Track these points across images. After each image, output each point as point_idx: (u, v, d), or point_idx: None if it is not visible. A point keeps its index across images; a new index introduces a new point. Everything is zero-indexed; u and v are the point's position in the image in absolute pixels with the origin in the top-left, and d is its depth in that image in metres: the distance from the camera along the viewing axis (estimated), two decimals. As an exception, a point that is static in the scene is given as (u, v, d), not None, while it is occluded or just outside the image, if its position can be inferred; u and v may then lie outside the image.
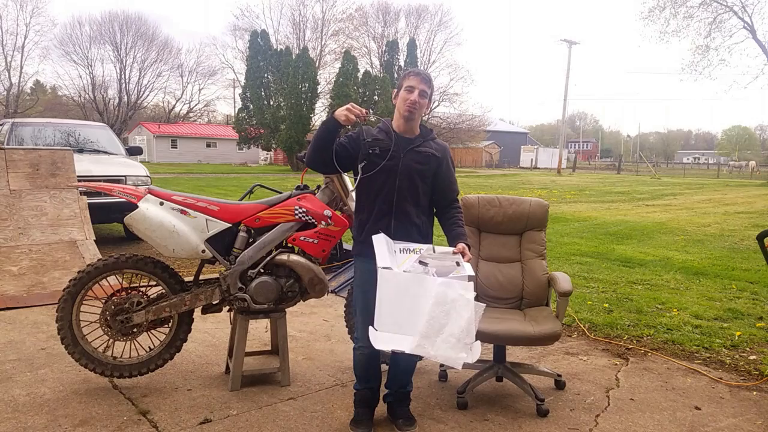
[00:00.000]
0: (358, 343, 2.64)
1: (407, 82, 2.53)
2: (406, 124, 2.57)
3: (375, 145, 2.54)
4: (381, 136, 2.58)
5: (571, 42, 38.68)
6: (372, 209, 2.57)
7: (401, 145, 2.55)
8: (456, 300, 2.19)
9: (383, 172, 2.52)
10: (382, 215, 2.54)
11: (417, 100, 2.51)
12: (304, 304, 3.87)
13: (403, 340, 2.16)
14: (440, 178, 2.64)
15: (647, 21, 26.85)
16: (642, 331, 4.18)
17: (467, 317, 2.17)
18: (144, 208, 2.92)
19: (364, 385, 2.72)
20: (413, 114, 2.54)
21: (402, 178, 2.54)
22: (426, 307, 2.19)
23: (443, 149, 2.68)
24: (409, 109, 2.52)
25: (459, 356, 2.14)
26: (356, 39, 42.16)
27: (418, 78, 2.53)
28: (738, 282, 5.79)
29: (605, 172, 41.58)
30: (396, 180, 2.53)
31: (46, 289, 4.75)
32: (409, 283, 2.24)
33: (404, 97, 2.53)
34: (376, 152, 2.53)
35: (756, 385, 3.29)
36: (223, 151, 46.27)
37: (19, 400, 2.86)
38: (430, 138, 2.66)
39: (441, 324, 2.16)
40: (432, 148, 2.62)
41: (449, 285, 2.23)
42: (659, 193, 19.17)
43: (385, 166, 2.52)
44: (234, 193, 14.67)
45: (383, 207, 2.54)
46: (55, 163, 5.85)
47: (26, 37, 40.16)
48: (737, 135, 79.22)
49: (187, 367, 3.35)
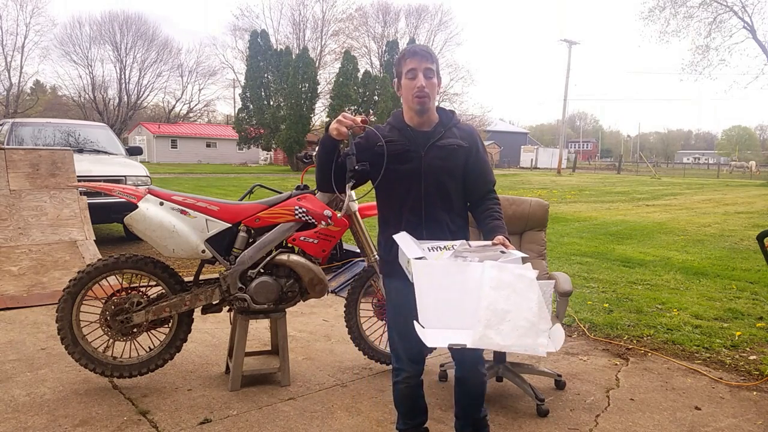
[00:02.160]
0: (400, 374, 2.26)
1: (406, 66, 2.09)
2: (419, 116, 2.15)
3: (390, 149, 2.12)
4: (393, 135, 2.16)
5: (571, 42, 38.68)
6: (399, 223, 2.15)
7: (419, 141, 2.14)
8: (514, 282, 1.81)
9: (404, 178, 2.13)
10: (412, 229, 2.12)
11: (424, 84, 2.07)
12: (304, 304, 3.87)
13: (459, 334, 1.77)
14: (471, 169, 2.20)
15: (647, 21, 26.89)
16: (642, 331, 4.18)
17: (535, 299, 1.79)
18: (144, 208, 2.92)
19: (410, 423, 2.35)
20: (425, 103, 2.11)
21: (428, 181, 2.13)
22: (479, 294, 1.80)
23: (470, 135, 2.23)
24: (419, 100, 2.09)
25: (538, 342, 1.74)
26: (356, 39, 42.23)
27: (417, 57, 2.08)
28: (738, 282, 5.79)
29: (605, 172, 41.58)
30: (421, 185, 2.12)
31: (46, 289, 4.75)
32: (451, 272, 1.86)
33: (408, 86, 2.09)
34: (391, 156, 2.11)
35: (756, 386, 3.28)
36: (223, 151, 46.29)
37: (19, 400, 2.86)
38: (452, 124, 2.20)
39: (503, 310, 1.77)
40: (457, 136, 2.18)
41: (501, 268, 1.85)
42: (659, 193, 19.17)
43: (405, 171, 2.12)
44: (234, 193, 14.67)
45: (412, 219, 2.15)
46: (55, 163, 5.85)
47: (26, 37, 40.24)
48: (737, 135, 79.26)
49: (187, 367, 3.35)
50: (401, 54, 2.14)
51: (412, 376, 2.25)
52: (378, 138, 2.12)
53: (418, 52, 2.09)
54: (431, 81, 2.09)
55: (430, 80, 2.09)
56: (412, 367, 2.24)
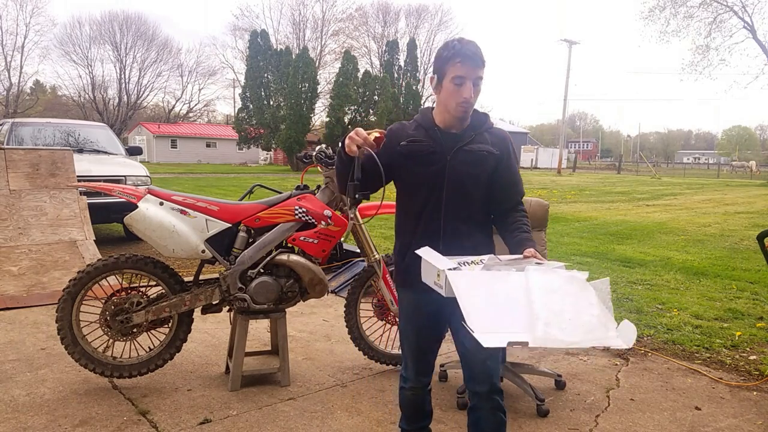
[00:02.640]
0: (407, 383, 2.18)
1: (454, 71, 1.85)
2: (453, 121, 1.96)
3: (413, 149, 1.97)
4: (419, 135, 1.98)
5: (571, 42, 38.67)
6: (415, 230, 2.00)
7: (446, 143, 1.95)
8: (565, 285, 1.63)
9: (425, 182, 1.96)
10: (429, 238, 1.96)
11: (471, 97, 1.87)
12: (304, 304, 3.87)
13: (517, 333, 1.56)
14: (500, 179, 2.01)
15: (647, 21, 26.93)
16: (642, 331, 4.18)
17: (593, 298, 1.61)
18: (144, 208, 2.92)
19: (413, 426, 2.28)
20: (468, 113, 1.93)
21: (450, 187, 1.94)
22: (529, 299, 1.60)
23: (502, 141, 2.02)
24: (462, 110, 1.90)
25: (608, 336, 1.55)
26: (356, 39, 42.32)
27: (469, 64, 1.83)
28: (738, 282, 5.79)
29: (605, 172, 41.58)
30: (443, 191, 1.95)
31: (46, 289, 4.75)
32: (492, 280, 1.66)
33: (452, 93, 1.87)
34: (414, 157, 1.96)
35: (756, 386, 3.28)
36: (222, 151, 46.29)
37: (18, 401, 2.86)
38: (484, 129, 2.01)
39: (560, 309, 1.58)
40: (488, 142, 1.99)
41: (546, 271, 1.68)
42: (659, 193, 19.17)
43: (427, 175, 1.95)
44: (234, 193, 14.67)
45: (429, 228, 1.97)
46: (55, 163, 5.84)
47: (26, 37, 40.29)
48: (737, 135, 79.31)
49: (187, 367, 3.35)
50: (449, 52, 1.86)
51: (419, 387, 2.18)
52: (401, 136, 1.98)
53: (470, 57, 1.83)
54: (478, 89, 1.89)
55: (477, 89, 1.89)
56: (419, 380, 2.16)
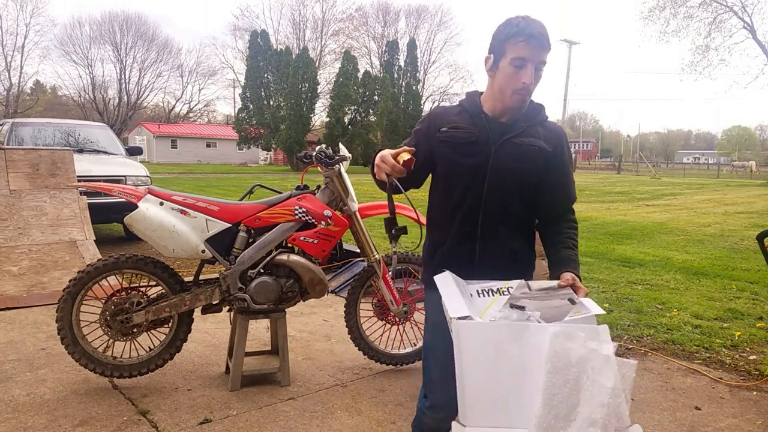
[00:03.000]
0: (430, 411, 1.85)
1: (516, 51, 1.61)
2: (508, 109, 1.71)
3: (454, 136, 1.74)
4: (463, 121, 1.75)
5: (571, 42, 38.70)
6: (449, 229, 1.78)
7: (493, 133, 1.71)
8: (585, 359, 1.35)
9: (464, 174, 1.73)
10: (464, 238, 1.76)
11: (532, 83, 1.63)
12: (304, 304, 3.87)
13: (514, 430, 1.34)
14: (550, 179, 1.76)
15: (647, 21, 26.84)
16: (642, 331, 4.18)
17: (610, 386, 1.31)
18: (144, 208, 2.92)
19: None
20: (525, 102, 1.69)
21: (492, 182, 1.71)
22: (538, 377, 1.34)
23: (557, 137, 1.77)
24: (520, 97, 1.66)
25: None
26: (356, 39, 42.35)
27: (534, 45, 1.60)
28: (738, 282, 5.79)
29: (605, 172, 41.58)
30: (483, 186, 1.71)
31: (46, 289, 4.75)
32: (503, 337, 1.38)
33: (510, 76, 1.63)
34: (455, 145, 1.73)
35: (756, 385, 3.28)
36: (222, 151, 46.31)
37: (19, 400, 2.86)
38: (538, 121, 1.76)
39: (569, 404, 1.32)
40: (540, 136, 1.73)
41: (569, 335, 1.37)
42: (659, 193, 19.17)
43: (467, 166, 1.72)
44: (234, 193, 14.67)
45: (465, 226, 1.75)
46: (55, 163, 5.85)
47: (26, 37, 40.34)
48: (737, 135, 79.33)
49: (187, 367, 3.35)
50: (511, 29, 1.63)
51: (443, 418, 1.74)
52: (443, 122, 1.76)
53: (536, 36, 1.60)
54: (539, 75, 1.66)
55: (539, 74, 1.65)
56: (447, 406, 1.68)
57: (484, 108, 1.74)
